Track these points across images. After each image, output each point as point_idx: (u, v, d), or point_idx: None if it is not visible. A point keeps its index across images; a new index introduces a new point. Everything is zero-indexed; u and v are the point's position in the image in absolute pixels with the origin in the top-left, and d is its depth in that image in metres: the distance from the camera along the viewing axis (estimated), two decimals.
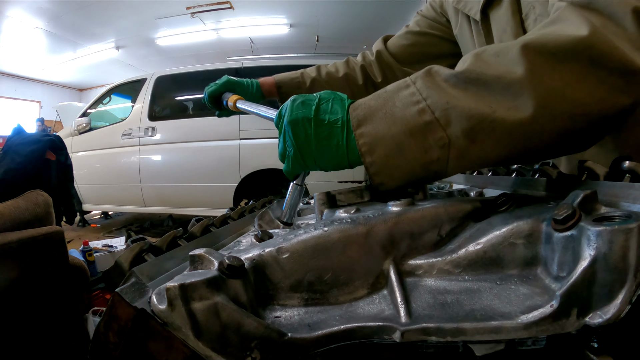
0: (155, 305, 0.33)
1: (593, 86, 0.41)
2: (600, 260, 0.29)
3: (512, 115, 0.41)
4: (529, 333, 0.31)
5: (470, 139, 0.43)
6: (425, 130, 0.44)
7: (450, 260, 0.40)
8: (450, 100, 0.43)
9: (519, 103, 0.41)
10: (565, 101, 0.41)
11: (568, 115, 0.41)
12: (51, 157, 2.90)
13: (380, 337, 0.34)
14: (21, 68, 8.12)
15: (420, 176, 0.47)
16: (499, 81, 0.42)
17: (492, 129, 0.42)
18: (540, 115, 0.41)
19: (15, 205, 0.85)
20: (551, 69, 0.41)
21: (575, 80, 0.41)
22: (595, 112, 0.41)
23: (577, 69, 0.41)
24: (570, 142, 0.44)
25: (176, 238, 0.59)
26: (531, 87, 0.41)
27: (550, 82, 0.41)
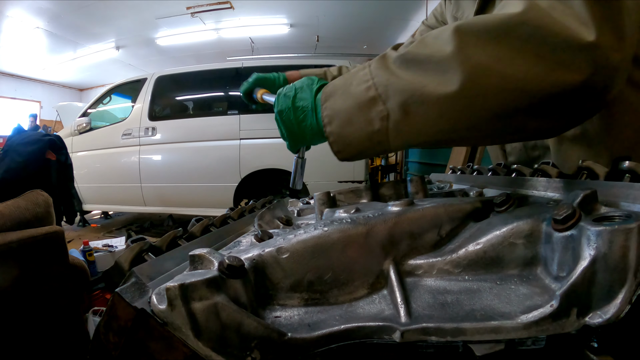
0: (155, 305, 0.33)
1: (530, 62, 0.41)
2: (600, 260, 0.29)
3: (440, 89, 0.44)
4: (528, 333, 0.31)
5: (404, 111, 0.47)
6: (370, 104, 0.50)
7: (450, 260, 0.40)
8: (390, 78, 0.48)
9: (447, 78, 0.44)
10: (495, 76, 0.42)
11: (498, 90, 0.42)
12: (51, 157, 2.90)
13: (380, 337, 0.34)
14: (21, 68, 8.11)
15: (367, 146, 0.52)
16: (431, 59, 0.45)
17: (422, 102, 0.46)
18: (467, 89, 0.43)
19: (15, 205, 0.85)
20: (482, 46, 0.42)
21: (508, 57, 0.41)
22: (535, 89, 0.41)
23: (510, 45, 0.41)
24: (515, 122, 0.44)
25: (176, 238, 0.59)
26: (458, 63, 0.43)
27: (479, 58, 0.42)
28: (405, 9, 5.85)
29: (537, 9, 0.41)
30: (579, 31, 0.39)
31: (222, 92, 4.29)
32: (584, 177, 0.53)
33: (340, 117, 0.53)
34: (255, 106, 0.93)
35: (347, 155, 0.55)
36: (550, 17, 0.40)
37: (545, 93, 0.41)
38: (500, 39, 0.42)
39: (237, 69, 4.13)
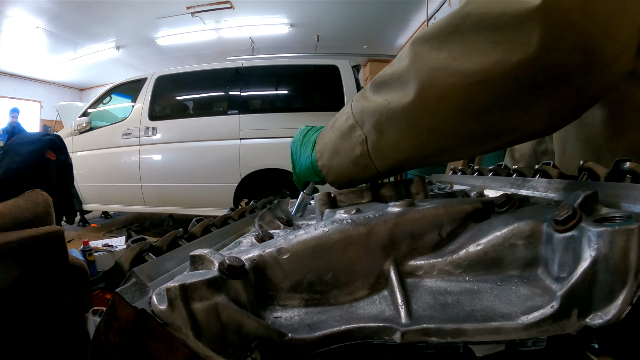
0: (156, 305, 0.33)
1: (486, 50, 0.38)
2: (600, 261, 0.29)
3: (402, 101, 0.44)
4: (529, 334, 0.31)
5: (378, 131, 0.49)
6: (350, 132, 0.52)
7: (451, 261, 0.40)
8: (363, 104, 0.51)
9: (407, 90, 0.44)
10: (453, 75, 0.40)
11: (459, 88, 0.40)
12: (51, 157, 2.90)
13: (380, 338, 0.34)
14: (22, 68, 8.11)
15: (356, 172, 0.55)
16: (393, 77, 0.47)
17: (391, 118, 0.46)
18: (425, 95, 0.42)
19: (15, 205, 0.85)
20: (435, 50, 0.41)
21: (463, 52, 0.40)
22: (498, 77, 0.38)
23: (462, 40, 0.40)
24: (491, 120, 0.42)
25: (176, 238, 0.59)
26: (414, 72, 0.43)
27: (434, 63, 0.41)
28: (406, 9, 5.86)
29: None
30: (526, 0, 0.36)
31: (222, 92, 4.30)
32: (584, 177, 0.53)
33: (328, 149, 0.57)
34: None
35: (342, 183, 0.59)
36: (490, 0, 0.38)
37: (511, 79, 0.38)
38: (450, 37, 0.41)
39: (238, 68, 4.13)
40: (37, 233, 0.82)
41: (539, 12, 0.35)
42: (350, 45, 7.03)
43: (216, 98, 4.40)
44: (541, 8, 0.35)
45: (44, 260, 0.82)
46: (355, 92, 3.75)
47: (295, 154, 0.65)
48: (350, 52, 6.75)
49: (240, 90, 4.06)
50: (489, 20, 0.38)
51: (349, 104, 0.55)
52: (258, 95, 4.28)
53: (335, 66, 3.91)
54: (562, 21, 0.36)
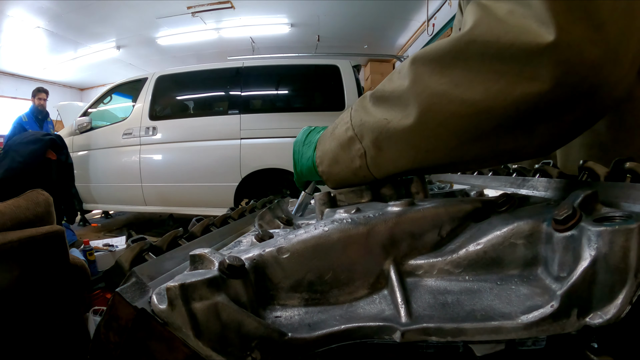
0: (156, 305, 0.33)
1: (489, 80, 0.38)
2: (600, 261, 0.29)
3: (402, 123, 0.45)
4: (529, 333, 0.31)
5: (377, 147, 0.50)
6: (350, 144, 0.53)
7: (451, 261, 0.40)
8: (363, 117, 0.51)
9: (408, 112, 0.44)
10: (454, 103, 0.40)
11: (459, 116, 0.41)
12: (52, 157, 2.90)
13: (380, 337, 0.34)
14: (22, 67, 8.11)
15: (355, 181, 0.56)
16: (393, 95, 0.46)
17: (390, 138, 0.47)
18: (424, 120, 0.43)
19: (16, 205, 0.85)
20: (437, 74, 0.41)
21: (465, 80, 0.40)
22: (498, 108, 0.39)
23: (465, 67, 0.39)
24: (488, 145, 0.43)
25: (177, 238, 0.59)
26: (415, 95, 0.43)
27: (435, 88, 0.41)
28: (406, 9, 5.86)
29: (486, 21, 0.38)
30: (538, 34, 0.35)
31: (222, 92, 4.30)
32: (584, 177, 0.53)
33: (328, 157, 0.58)
34: None
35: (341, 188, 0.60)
36: (501, 27, 0.37)
37: (512, 110, 0.39)
38: (453, 62, 0.40)
39: (238, 68, 4.13)
40: (37, 233, 0.82)
41: (552, 48, 0.35)
42: (351, 45, 7.03)
43: (217, 98, 4.40)
44: (554, 44, 0.35)
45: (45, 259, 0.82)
46: (355, 92, 3.76)
47: (297, 154, 0.66)
48: (350, 52, 6.74)
49: (240, 90, 4.06)
50: (495, 49, 0.37)
51: (348, 111, 0.56)
52: (259, 95, 4.28)
53: (335, 66, 3.90)
54: (575, 57, 0.35)
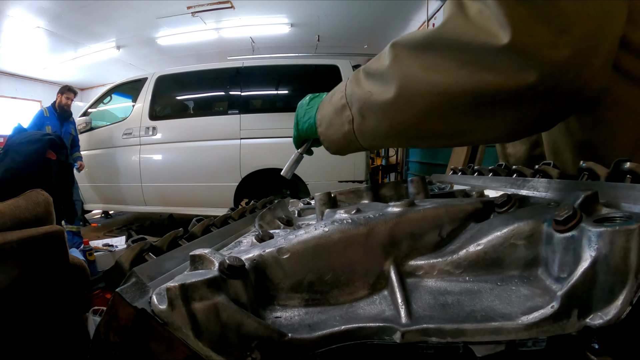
0: (156, 305, 0.33)
1: (453, 68, 0.46)
2: (601, 262, 0.29)
3: (383, 96, 0.53)
4: (529, 334, 0.31)
5: (361, 115, 0.58)
6: (342, 110, 0.61)
7: (451, 261, 0.40)
8: (353, 88, 0.59)
9: (387, 87, 0.52)
10: (423, 83, 0.49)
11: (426, 95, 0.49)
12: (52, 157, 2.90)
13: (380, 338, 0.34)
14: (22, 67, 8.10)
15: (344, 144, 0.65)
16: (376, 72, 0.55)
17: (370, 108, 0.56)
18: (401, 95, 0.51)
19: (15, 205, 0.85)
20: (411, 58, 0.50)
21: (433, 65, 0.48)
22: (458, 92, 0.46)
23: (434, 55, 0.48)
24: (452, 123, 0.51)
25: (177, 238, 0.59)
26: (394, 74, 0.52)
27: (409, 69, 0.50)
28: (406, 9, 5.85)
29: (455, 20, 0.46)
30: (496, 35, 0.42)
31: (222, 92, 4.30)
32: (585, 178, 0.53)
33: (325, 120, 0.66)
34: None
35: (333, 150, 0.69)
36: (466, 27, 0.44)
37: (469, 94, 0.46)
38: (425, 50, 0.49)
39: (238, 68, 4.13)
40: (37, 233, 0.82)
41: (506, 49, 0.41)
42: (351, 45, 7.03)
43: (217, 98, 4.40)
44: (509, 46, 0.41)
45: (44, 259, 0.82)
46: None
47: (300, 114, 0.74)
48: (350, 52, 6.74)
49: (240, 90, 4.06)
50: (458, 44, 0.45)
51: (344, 82, 0.63)
52: (258, 95, 4.28)
53: (335, 66, 3.91)
54: (534, 58, 0.41)
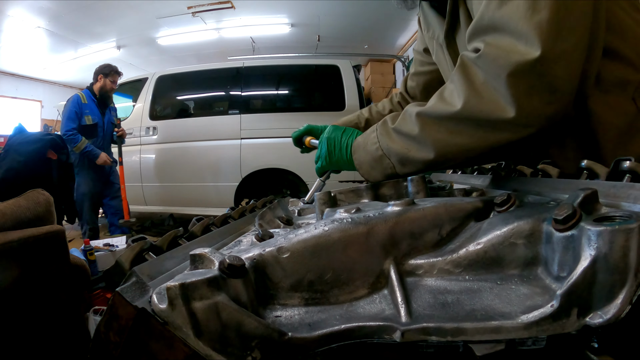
0: (156, 304, 0.33)
1: (473, 132, 0.60)
2: (600, 261, 0.29)
3: (422, 155, 0.66)
4: (529, 333, 0.31)
5: (402, 164, 0.71)
6: (381, 159, 0.73)
7: (451, 260, 0.40)
8: (389, 143, 0.71)
9: (425, 148, 0.65)
10: (452, 146, 0.63)
11: (458, 153, 0.64)
12: (52, 157, 2.90)
13: (380, 337, 0.34)
14: (22, 67, 8.09)
15: (386, 179, 0.74)
16: (408, 134, 0.68)
17: (411, 161, 0.69)
18: (439, 156, 0.64)
19: (16, 204, 0.85)
20: (436, 126, 0.63)
21: (458, 132, 0.62)
22: (479, 148, 0.61)
23: (458, 125, 0.61)
24: (476, 162, 0.69)
25: (177, 237, 0.59)
26: (427, 138, 0.65)
27: (438, 135, 0.63)
28: None
29: (470, 103, 0.59)
30: (504, 109, 0.56)
31: (223, 92, 4.30)
32: (584, 177, 0.53)
33: (365, 165, 0.77)
34: (302, 150, 1.13)
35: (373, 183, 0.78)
36: (480, 104, 0.58)
37: (488, 149, 0.61)
38: (447, 121, 0.62)
39: (238, 68, 4.13)
40: (38, 232, 0.82)
41: (513, 120, 0.56)
42: (351, 45, 7.01)
43: (217, 98, 4.40)
44: (515, 118, 0.56)
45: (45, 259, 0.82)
46: (356, 92, 3.76)
47: (333, 149, 0.85)
48: (351, 52, 6.73)
49: (241, 90, 4.06)
50: (474, 118, 0.59)
51: (374, 131, 0.75)
52: (259, 95, 4.28)
53: (336, 66, 3.91)
54: (533, 120, 0.57)
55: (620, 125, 0.70)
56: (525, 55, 0.53)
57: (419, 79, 1.20)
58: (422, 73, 1.19)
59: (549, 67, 0.53)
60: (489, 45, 0.57)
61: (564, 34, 0.53)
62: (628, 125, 0.70)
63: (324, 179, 0.93)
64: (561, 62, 0.54)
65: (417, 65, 1.21)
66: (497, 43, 0.57)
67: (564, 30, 0.53)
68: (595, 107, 0.70)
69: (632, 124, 0.70)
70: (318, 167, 0.89)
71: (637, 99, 0.70)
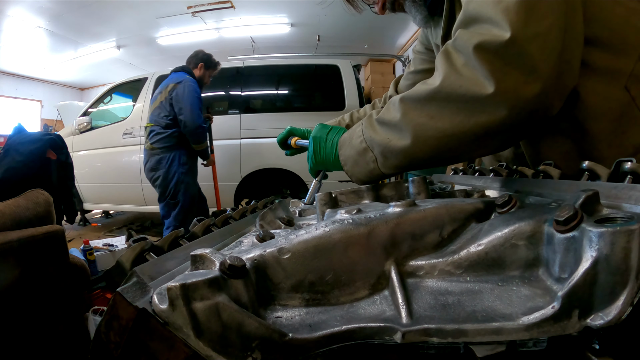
0: (157, 304, 0.33)
1: (454, 114, 0.59)
2: (601, 262, 0.29)
3: (401, 142, 0.65)
4: (530, 334, 0.31)
5: (383, 156, 0.69)
6: (364, 152, 0.72)
7: (452, 261, 0.40)
8: (372, 134, 0.71)
9: (403, 135, 0.65)
10: (431, 130, 0.62)
11: (436, 138, 0.62)
12: (52, 156, 2.90)
13: (381, 338, 0.34)
14: (22, 67, 8.09)
15: (371, 177, 0.74)
16: (391, 122, 0.67)
17: (391, 151, 0.67)
18: (417, 141, 0.63)
19: (15, 204, 0.85)
20: (418, 110, 0.63)
21: (437, 114, 0.61)
22: (457, 133, 0.60)
23: (438, 106, 0.60)
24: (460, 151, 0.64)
25: (177, 238, 0.59)
26: (407, 124, 0.64)
27: (419, 119, 0.63)
28: None
29: (450, 76, 0.59)
30: (483, 85, 0.55)
31: (223, 92, 4.30)
32: (586, 178, 0.53)
33: (350, 160, 0.76)
34: (289, 152, 1.13)
35: (360, 183, 0.77)
36: (460, 80, 0.58)
37: (470, 133, 0.59)
38: (428, 103, 0.61)
39: (238, 68, 4.13)
40: (37, 232, 0.82)
41: (492, 96, 0.55)
42: (351, 45, 7.01)
43: (217, 98, 4.40)
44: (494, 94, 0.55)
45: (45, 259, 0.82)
46: (356, 91, 3.76)
47: (319, 149, 0.83)
48: (350, 52, 6.72)
49: (240, 90, 4.06)
50: (456, 95, 0.58)
51: (359, 125, 0.75)
52: (259, 95, 4.28)
53: (336, 66, 3.91)
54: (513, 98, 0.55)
55: (612, 114, 0.71)
56: (498, 37, 0.55)
57: (416, 77, 1.20)
58: (421, 71, 1.19)
59: (522, 47, 0.54)
60: (464, 32, 0.60)
61: (536, 17, 0.55)
62: (620, 115, 0.71)
63: (320, 179, 0.92)
64: (535, 43, 0.55)
65: (416, 63, 1.21)
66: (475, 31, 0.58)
67: (536, 14, 0.55)
68: (586, 97, 0.70)
69: (625, 114, 0.71)
70: (309, 167, 0.89)
71: (630, 88, 0.70)
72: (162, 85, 3.05)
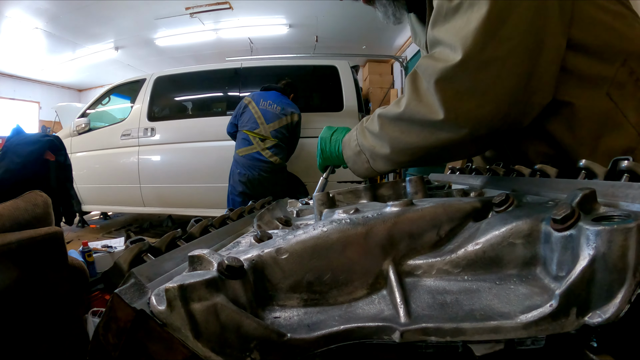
0: (155, 306, 0.33)
1: (418, 132, 0.69)
2: (599, 260, 0.29)
3: (382, 150, 0.76)
4: (528, 333, 0.31)
5: (372, 159, 0.81)
6: (359, 154, 0.84)
7: (450, 261, 0.40)
8: (362, 140, 0.82)
9: (384, 144, 0.75)
10: (403, 143, 0.72)
11: (408, 149, 0.72)
12: (50, 158, 2.89)
13: (379, 338, 0.34)
14: (20, 68, 8.07)
15: (367, 174, 0.86)
16: (373, 132, 0.78)
17: (377, 156, 0.79)
18: (393, 151, 0.74)
19: (14, 206, 0.85)
20: (392, 126, 0.73)
21: (406, 130, 0.71)
22: (425, 146, 0.69)
23: (404, 124, 0.71)
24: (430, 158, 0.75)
25: (175, 239, 0.59)
26: (384, 137, 0.75)
27: (393, 133, 0.73)
28: None
29: (411, 102, 0.68)
30: (437, 112, 0.64)
31: (221, 93, 4.29)
32: (583, 176, 0.53)
33: (350, 160, 0.88)
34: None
35: (362, 177, 0.89)
36: (419, 107, 0.67)
37: (433, 147, 0.68)
38: (398, 120, 0.72)
39: (236, 69, 4.13)
40: (36, 234, 0.82)
41: (443, 121, 0.64)
42: (349, 46, 7.01)
43: (215, 99, 4.39)
44: (443, 120, 0.64)
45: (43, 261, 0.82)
46: (354, 92, 3.77)
47: (326, 147, 0.96)
48: (349, 53, 6.72)
49: (239, 91, 4.06)
50: (415, 119, 0.68)
51: (355, 131, 0.86)
52: None
53: (334, 67, 3.91)
54: (464, 121, 0.63)
55: (596, 120, 0.71)
56: (449, 61, 0.60)
57: None
58: None
59: (473, 72, 0.60)
60: (425, 57, 0.67)
61: (497, 41, 0.58)
62: (604, 120, 0.71)
63: (327, 175, 1.02)
64: (491, 67, 0.59)
65: None
66: (434, 55, 0.65)
67: (497, 38, 0.58)
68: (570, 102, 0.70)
69: (609, 118, 0.71)
70: (318, 163, 1.00)
71: (612, 94, 0.70)
72: (279, 103, 3.23)
